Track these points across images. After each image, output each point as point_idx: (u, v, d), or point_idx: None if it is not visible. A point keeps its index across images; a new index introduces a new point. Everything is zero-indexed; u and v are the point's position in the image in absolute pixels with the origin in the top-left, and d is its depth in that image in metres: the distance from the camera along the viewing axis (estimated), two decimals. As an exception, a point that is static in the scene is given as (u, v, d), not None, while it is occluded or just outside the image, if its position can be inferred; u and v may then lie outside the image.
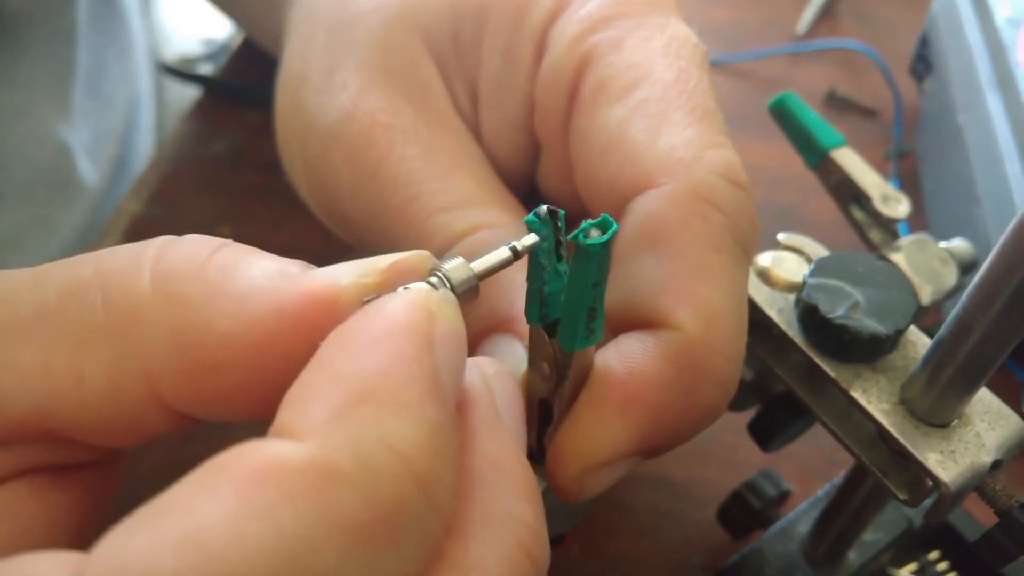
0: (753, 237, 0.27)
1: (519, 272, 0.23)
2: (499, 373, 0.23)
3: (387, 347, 0.18)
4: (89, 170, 0.57)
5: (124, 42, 0.61)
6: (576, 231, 0.20)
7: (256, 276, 0.20)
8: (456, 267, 0.20)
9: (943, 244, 0.32)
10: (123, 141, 0.61)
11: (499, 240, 0.26)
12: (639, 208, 0.26)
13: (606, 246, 0.20)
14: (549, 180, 0.33)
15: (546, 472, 0.25)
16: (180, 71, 0.59)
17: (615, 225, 0.20)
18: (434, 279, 0.20)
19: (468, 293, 0.21)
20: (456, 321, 0.19)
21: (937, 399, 0.26)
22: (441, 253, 0.29)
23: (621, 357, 0.25)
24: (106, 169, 0.59)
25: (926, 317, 0.33)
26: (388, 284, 0.20)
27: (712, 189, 0.26)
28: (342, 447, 0.16)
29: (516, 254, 0.21)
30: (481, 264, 0.21)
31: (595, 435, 0.24)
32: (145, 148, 0.65)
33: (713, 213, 0.26)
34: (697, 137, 0.27)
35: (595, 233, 0.20)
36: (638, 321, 0.25)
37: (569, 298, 0.21)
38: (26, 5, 0.49)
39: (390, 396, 0.17)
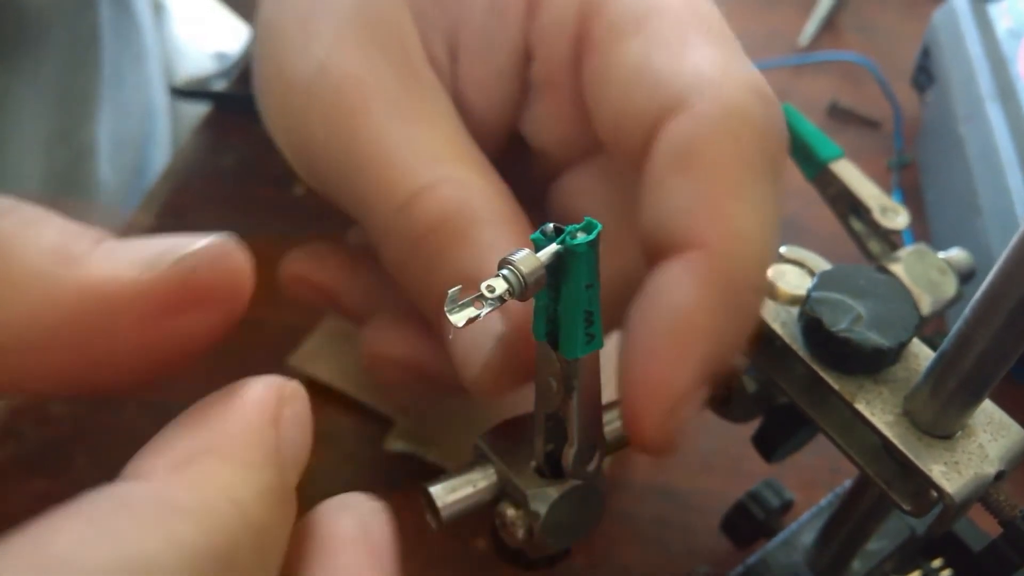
0: (782, 152, 0.27)
1: None
2: (374, 510, 0.22)
3: (238, 416, 0.20)
4: (110, 176, 0.57)
5: (139, 49, 0.62)
6: (561, 235, 0.21)
7: (34, 258, 0.19)
8: (525, 258, 0.20)
9: (941, 254, 0.32)
10: (140, 151, 0.61)
11: (462, 195, 0.27)
12: (671, 132, 0.26)
13: (593, 245, 0.21)
14: (543, 125, 0.33)
15: (630, 434, 0.25)
16: (188, 91, 0.60)
17: (599, 225, 0.21)
18: (506, 271, 0.20)
19: (537, 282, 0.21)
20: (302, 409, 0.21)
21: (940, 411, 0.26)
22: (406, 208, 0.28)
23: (660, 293, 0.25)
24: (125, 177, 0.59)
25: (927, 326, 0.33)
26: (176, 279, 0.20)
27: (743, 105, 0.26)
28: (183, 487, 0.18)
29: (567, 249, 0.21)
30: (545, 254, 0.21)
31: (663, 369, 0.24)
32: (161, 161, 0.65)
33: (744, 130, 0.26)
34: (721, 56, 0.27)
35: (580, 235, 0.21)
36: (671, 245, 0.25)
37: (564, 304, 0.22)
38: (46, 6, 0.49)
39: (232, 454, 0.19)
